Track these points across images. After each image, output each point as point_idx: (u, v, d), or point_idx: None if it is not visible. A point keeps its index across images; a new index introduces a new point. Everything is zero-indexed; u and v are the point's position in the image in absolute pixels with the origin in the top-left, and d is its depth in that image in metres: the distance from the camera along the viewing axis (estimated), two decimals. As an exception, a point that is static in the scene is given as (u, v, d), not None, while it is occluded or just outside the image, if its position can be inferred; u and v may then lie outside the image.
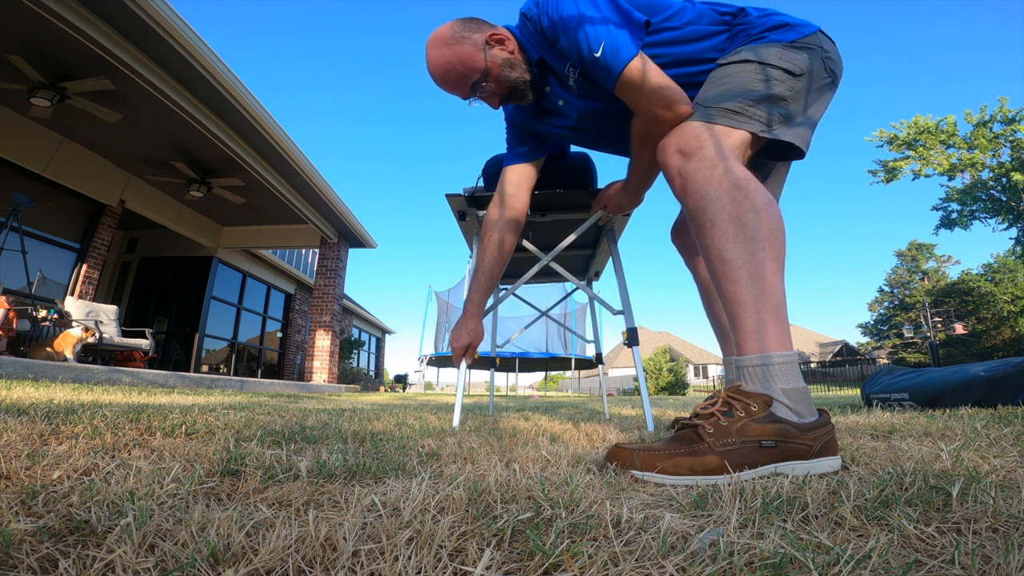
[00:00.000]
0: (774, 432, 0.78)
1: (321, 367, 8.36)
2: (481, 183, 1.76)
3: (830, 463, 0.78)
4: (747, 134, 0.99)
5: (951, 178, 19.51)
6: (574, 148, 1.99)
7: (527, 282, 1.91)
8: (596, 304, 2.63)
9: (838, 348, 37.92)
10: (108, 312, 6.20)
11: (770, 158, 1.14)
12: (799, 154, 1.07)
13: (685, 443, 0.78)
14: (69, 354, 4.99)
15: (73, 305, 5.90)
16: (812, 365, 23.74)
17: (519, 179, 1.48)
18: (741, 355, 0.87)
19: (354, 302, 16.38)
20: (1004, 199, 18.76)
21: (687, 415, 0.88)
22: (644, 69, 1.03)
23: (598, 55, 1.02)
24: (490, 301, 2.79)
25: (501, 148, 1.68)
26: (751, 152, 1.03)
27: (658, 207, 2.77)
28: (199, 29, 4.50)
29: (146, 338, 6.32)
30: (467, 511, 0.53)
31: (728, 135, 0.97)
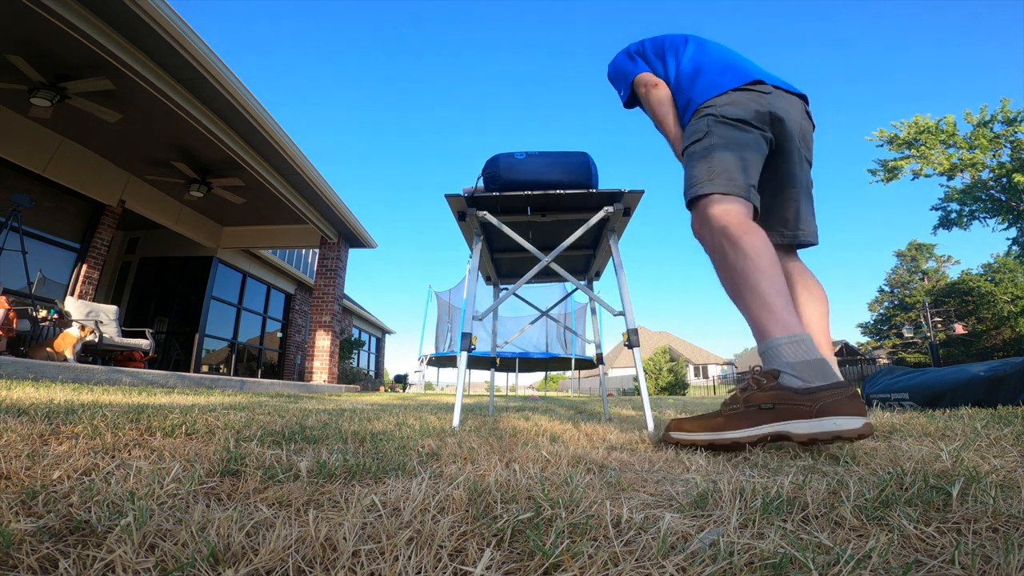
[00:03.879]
0: (771, 397, 0.93)
1: (321, 367, 8.35)
2: (480, 183, 1.76)
3: (834, 422, 0.83)
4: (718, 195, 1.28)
5: (951, 178, 19.47)
6: (574, 148, 2.01)
7: (527, 282, 1.91)
8: (596, 304, 2.63)
9: (838, 348, 37.89)
10: (108, 312, 6.19)
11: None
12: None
13: (709, 416, 1.00)
14: (69, 354, 4.99)
15: (73, 305, 5.90)
16: (812, 365, 23.66)
17: None
18: (759, 346, 1.08)
19: (354, 302, 16.37)
20: (1004, 199, 18.73)
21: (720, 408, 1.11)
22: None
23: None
24: (491, 301, 2.79)
25: (500, 150, 1.71)
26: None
27: (658, 207, 2.76)
28: (199, 29, 4.50)
29: (146, 338, 6.32)
30: (467, 511, 0.53)
31: (712, 201, 1.28)
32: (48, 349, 4.96)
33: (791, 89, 1.49)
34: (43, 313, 5.23)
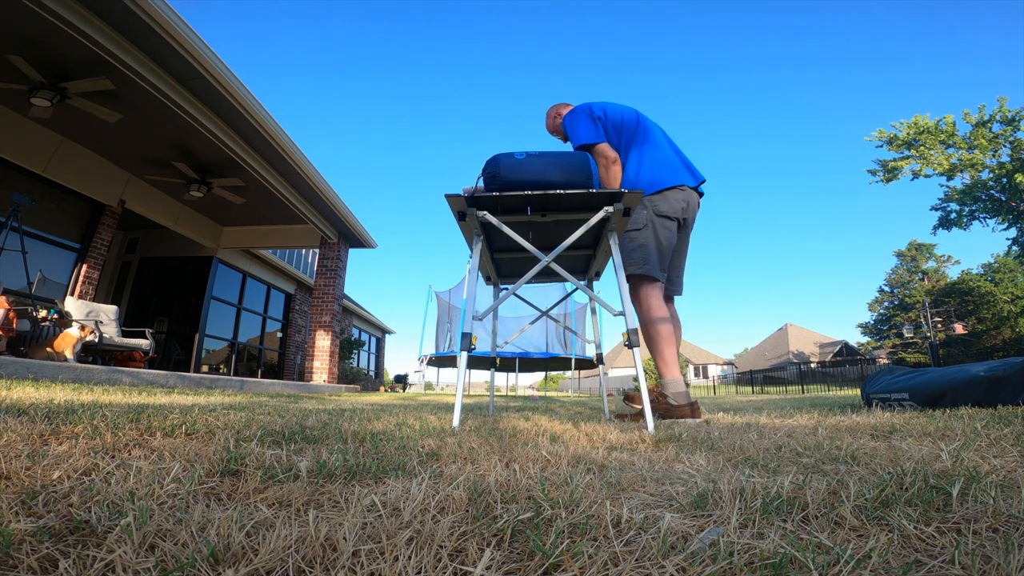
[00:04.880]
0: (663, 407, 1.95)
1: (321, 367, 8.35)
2: (480, 183, 1.76)
3: (686, 421, 1.82)
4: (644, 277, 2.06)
5: (950, 178, 19.45)
6: (574, 147, 2.07)
7: (527, 282, 1.91)
8: (596, 304, 2.63)
9: (838, 348, 37.84)
10: (108, 312, 6.19)
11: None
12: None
13: (655, 402, 2.00)
14: (69, 354, 4.99)
15: (73, 305, 5.89)
16: (812, 365, 23.68)
17: None
18: (660, 380, 2.03)
19: (354, 302, 16.37)
20: (1004, 199, 18.72)
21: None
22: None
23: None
24: (491, 301, 2.79)
25: (498, 151, 1.71)
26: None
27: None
28: (199, 29, 4.50)
29: (146, 338, 6.31)
30: (467, 511, 0.53)
31: (642, 282, 2.06)
32: (48, 349, 4.96)
33: (692, 184, 2.15)
34: (43, 313, 5.23)
